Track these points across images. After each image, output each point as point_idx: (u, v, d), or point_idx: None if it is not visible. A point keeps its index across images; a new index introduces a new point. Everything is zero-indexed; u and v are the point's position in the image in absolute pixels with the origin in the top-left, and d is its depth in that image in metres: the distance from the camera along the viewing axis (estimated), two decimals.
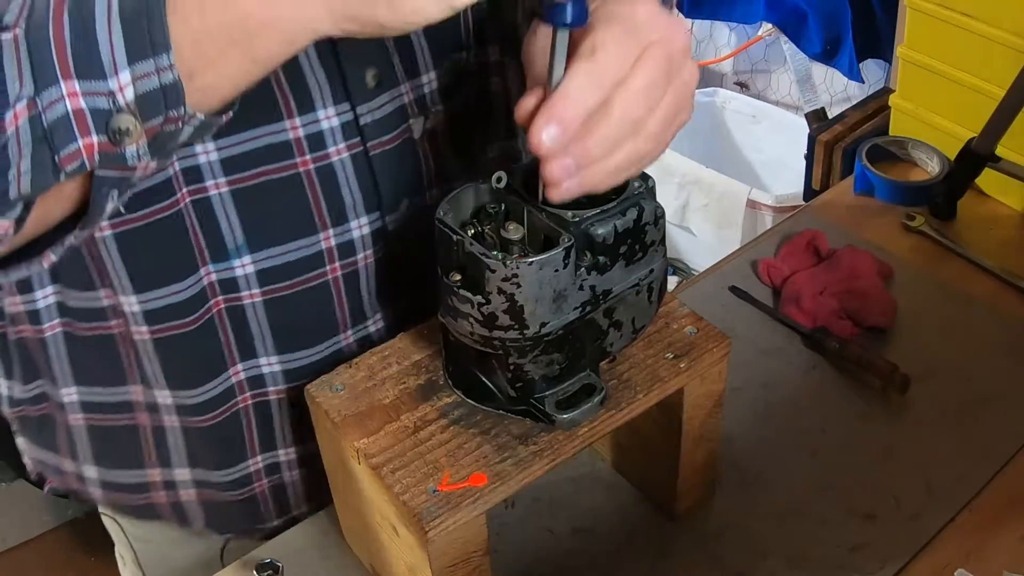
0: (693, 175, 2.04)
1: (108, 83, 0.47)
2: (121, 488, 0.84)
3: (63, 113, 0.47)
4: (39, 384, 0.81)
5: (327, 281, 0.74)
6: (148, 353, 0.73)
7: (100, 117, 0.47)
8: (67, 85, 0.47)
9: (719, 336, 0.73)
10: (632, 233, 0.63)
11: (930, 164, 1.18)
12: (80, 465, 0.84)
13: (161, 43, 0.47)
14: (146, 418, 0.79)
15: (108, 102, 0.47)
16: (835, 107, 2.10)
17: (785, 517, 0.82)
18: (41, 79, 0.46)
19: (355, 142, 0.70)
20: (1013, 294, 1.02)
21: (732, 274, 1.07)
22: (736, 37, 2.28)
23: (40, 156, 0.48)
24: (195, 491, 0.82)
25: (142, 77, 0.47)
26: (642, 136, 0.57)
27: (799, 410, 0.92)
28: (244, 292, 0.72)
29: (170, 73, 0.47)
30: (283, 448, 0.82)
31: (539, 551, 0.81)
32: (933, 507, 0.82)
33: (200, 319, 0.72)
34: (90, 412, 0.79)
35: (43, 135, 0.47)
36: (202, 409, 0.76)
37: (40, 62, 0.46)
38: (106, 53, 0.46)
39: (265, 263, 0.72)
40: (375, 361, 0.73)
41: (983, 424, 0.89)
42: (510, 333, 0.62)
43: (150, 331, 0.72)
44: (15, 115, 0.46)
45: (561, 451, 0.66)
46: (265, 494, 0.84)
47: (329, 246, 0.73)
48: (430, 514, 0.62)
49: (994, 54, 1.05)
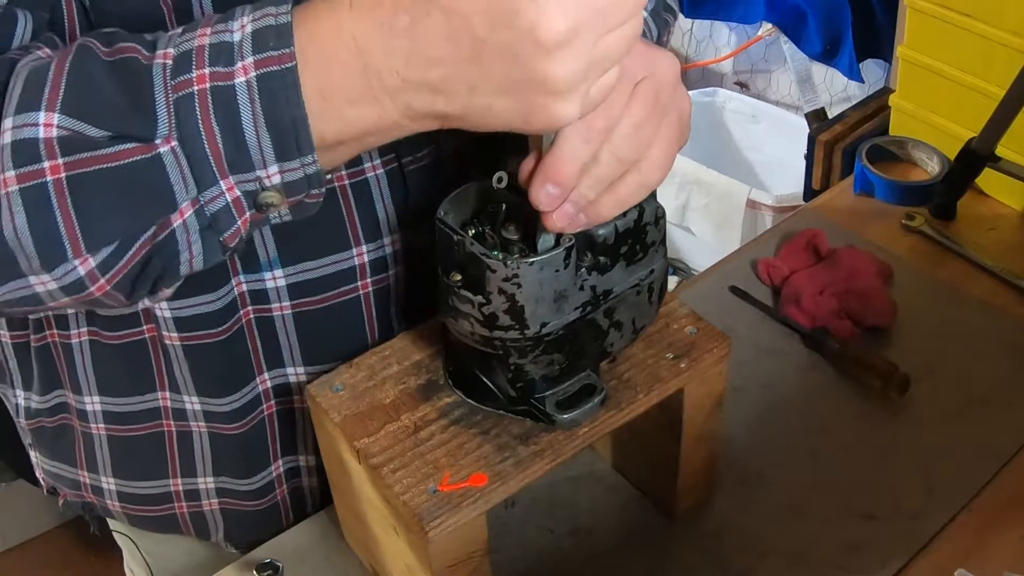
0: (693, 175, 2.04)
1: (257, 172, 0.53)
2: (140, 500, 0.83)
3: (224, 204, 0.53)
4: (59, 394, 0.80)
5: (358, 296, 0.75)
6: (179, 358, 0.74)
7: (251, 197, 0.54)
8: (225, 183, 0.53)
9: (719, 336, 0.73)
10: (632, 233, 0.63)
11: (930, 164, 1.18)
12: (98, 477, 0.84)
13: (307, 147, 0.52)
14: (172, 425, 0.78)
15: (257, 185, 0.53)
16: (835, 107, 2.10)
17: (785, 517, 0.82)
18: (202, 182, 0.52)
19: (390, 158, 0.71)
20: (1013, 294, 1.02)
21: (732, 274, 1.07)
22: (736, 37, 2.28)
23: (208, 241, 0.55)
24: (217, 500, 0.82)
25: (288, 171, 0.53)
26: (645, 168, 0.57)
27: (799, 410, 0.92)
28: (274, 304, 0.73)
29: (314, 167, 0.53)
30: (303, 455, 0.82)
31: (539, 551, 0.81)
32: (933, 507, 0.82)
33: (230, 329, 0.72)
34: (112, 423, 0.79)
35: (209, 224, 0.54)
36: (232, 417, 0.76)
37: (200, 169, 0.52)
38: (256, 154, 0.52)
39: (297, 277, 0.72)
40: (375, 361, 0.73)
41: (983, 424, 0.89)
42: (510, 333, 0.62)
43: (180, 337, 0.72)
44: (180, 212, 0.53)
45: (561, 451, 0.66)
46: (285, 501, 0.84)
47: (362, 262, 0.73)
48: (430, 514, 0.62)
49: (994, 54, 1.05)
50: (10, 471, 2.00)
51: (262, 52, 0.51)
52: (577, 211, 0.57)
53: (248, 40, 0.51)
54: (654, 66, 0.57)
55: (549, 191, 0.55)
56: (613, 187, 0.57)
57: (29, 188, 0.51)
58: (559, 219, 0.57)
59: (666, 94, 0.57)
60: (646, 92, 0.56)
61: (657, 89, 0.56)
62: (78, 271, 0.53)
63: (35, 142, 0.50)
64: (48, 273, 0.53)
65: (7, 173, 0.51)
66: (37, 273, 0.53)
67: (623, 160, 0.56)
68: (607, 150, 0.55)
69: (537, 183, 0.55)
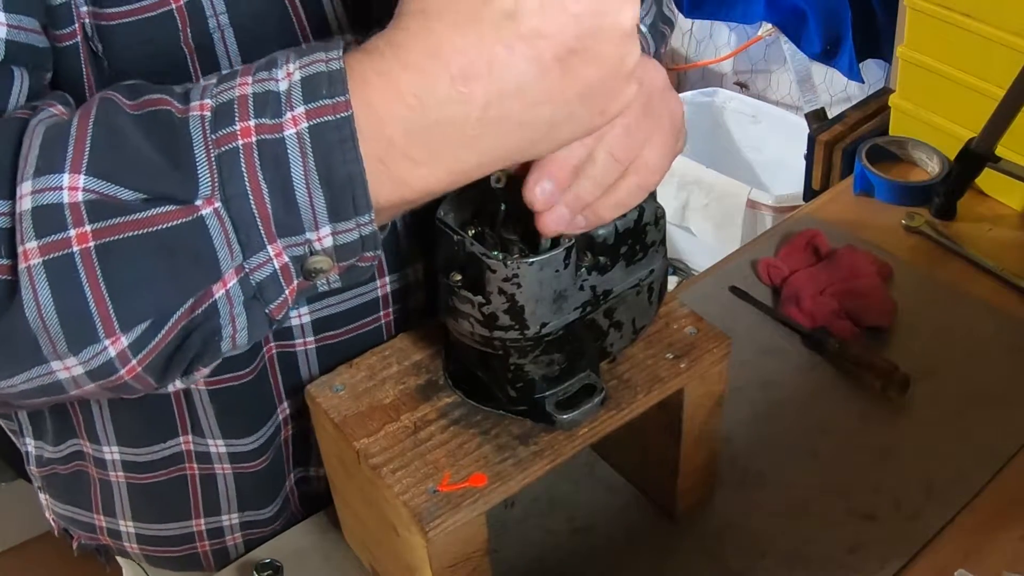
0: (693, 175, 2.04)
1: (307, 235, 0.48)
2: (161, 541, 0.82)
3: (271, 272, 0.48)
4: (74, 443, 0.78)
5: (380, 326, 0.75)
6: (204, 403, 0.73)
7: (298, 262, 0.49)
8: (273, 247, 0.48)
9: (719, 336, 0.73)
10: (632, 233, 0.63)
11: (930, 164, 1.18)
12: (116, 520, 0.82)
13: (364, 207, 0.48)
14: (195, 468, 0.77)
15: (306, 249, 0.48)
16: (835, 107, 2.10)
17: (785, 517, 0.82)
18: (248, 247, 0.47)
19: None
20: (1013, 294, 1.02)
21: (732, 274, 1.07)
22: (736, 37, 2.28)
23: (253, 313, 0.50)
24: (241, 534, 0.82)
25: (342, 232, 0.48)
26: (641, 168, 0.57)
27: (799, 410, 0.92)
28: (298, 340, 0.72)
29: (370, 227, 0.49)
30: (314, 466, 0.82)
31: (539, 551, 0.81)
32: (933, 507, 0.82)
33: (255, 370, 0.72)
34: (132, 471, 0.78)
35: (255, 294, 0.49)
36: (256, 454, 0.76)
37: (247, 232, 0.47)
38: (307, 214, 0.47)
39: (321, 312, 0.72)
40: (375, 361, 0.73)
41: (983, 424, 0.89)
42: (510, 333, 0.62)
43: (207, 382, 0.71)
44: (224, 281, 0.48)
45: (561, 451, 0.66)
46: (298, 509, 0.84)
47: (385, 292, 0.73)
48: (430, 514, 0.62)
49: (994, 54, 1.05)
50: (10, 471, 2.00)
51: (314, 101, 0.46)
52: (574, 214, 0.57)
53: (297, 88, 0.46)
54: (644, 73, 0.57)
55: (544, 187, 0.54)
56: (612, 189, 0.57)
57: (54, 260, 0.45)
58: (552, 221, 0.56)
59: (656, 97, 0.57)
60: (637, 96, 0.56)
61: (649, 93, 0.56)
62: (108, 352, 0.47)
63: (60, 208, 0.45)
64: (75, 356, 0.47)
65: (28, 244, 0.45)
66: (62, 357, 0.47)
67: (619, 160, 0.56)
68: (602, 149, 0.55)
69: (531, 181, 0.55)
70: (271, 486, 0.80)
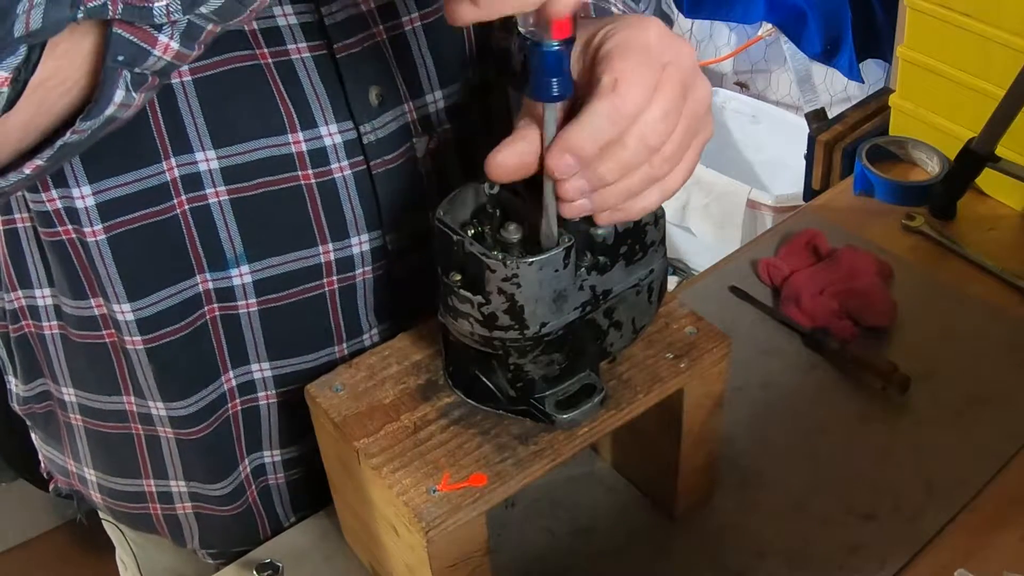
0: (693, 175, 2.03)
1: None
2: (119, 495, 0.83)
3: None
4: (41, 382, 0.81)
5: (324, 293, 0.74)
6: (141, 364, 0.73)
7: None
8: None
9: (719, 336, 0.73)
10: (632, 233, 0.63)
11: (930, 164, 1.18)
12: (81, 467, 0.84)
13: None
14: (140, 429, 0.78)
15: None
16: (835, 107, 2.10)
17: (785, 517, 0.82)
18: None
19: (358, 160, 0.70)
20: (1013, 294, 1.02)
21: (732, 274, 1.07)
22: (736, 37, 2.28)
23: None
24: (191, 504, 0.82)
25: None
26: (657, 160, 0.57)
27: (799, 410, 0.92)
28: (240, 301, 0.72)
29: None
30: (268, 450, 0.81)
31: (539, 551, 0.81)
32: (933, 507, 0.82)
33: (192, 325, 0.72)
34: (87, 416, 0.79)
35: None
36: (194, 420, 0.76)
37: None
38: None
39: (263, 273, 0.72)
40: (375, 361, 0.73)
41: (983, 424, 0.89)
42: (510, 333, 0.62)
43: (143, 340, 0.71)
44: None
45: (561, 451, 0.66)
46: (257, 505, 0.83)
47: (328, 260, 0.73)
48: (430, 514, 0.62)
49: (994, 54, 1.05)
50: (10, 471, 2.01)
51: None
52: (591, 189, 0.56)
53: None
54: (678, 52, 0.57)
55: (567, 160, 0.55)
56: (624, 177, 0.57)
57: None
58: (570, 189, 0.56)
59: (689, 80, 0.57)
60: (674, 78, 0.56)
61: (683, 74, 0.56)
62: None
63: None
64: None
65: None
66: None
67: (646, 147, 0.55)
68: (635, 135, 0.55)
69: (556, 150, 0.55)
70: (220, 461, 0.79)
